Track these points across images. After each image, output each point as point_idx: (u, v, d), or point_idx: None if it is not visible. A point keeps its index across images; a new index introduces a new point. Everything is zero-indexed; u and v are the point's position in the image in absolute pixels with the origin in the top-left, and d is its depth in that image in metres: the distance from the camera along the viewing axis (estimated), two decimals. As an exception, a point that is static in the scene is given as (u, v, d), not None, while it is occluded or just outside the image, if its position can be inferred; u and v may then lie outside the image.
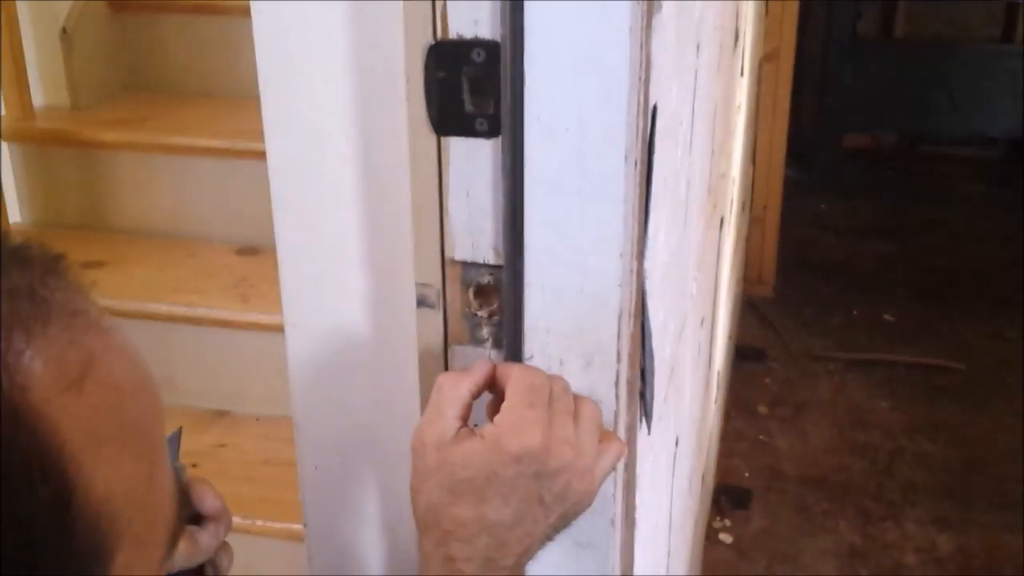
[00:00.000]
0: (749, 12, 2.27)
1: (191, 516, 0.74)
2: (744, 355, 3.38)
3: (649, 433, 0.97)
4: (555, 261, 0.71)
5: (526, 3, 0.65)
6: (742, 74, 2.29)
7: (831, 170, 4.84)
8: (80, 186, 2.19)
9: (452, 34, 0.68)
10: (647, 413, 0.92)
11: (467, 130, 0.70)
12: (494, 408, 0.71)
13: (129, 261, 2.05)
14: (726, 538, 2.61)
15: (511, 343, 0.74)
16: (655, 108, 0.80)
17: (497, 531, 0.68)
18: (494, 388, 0.72)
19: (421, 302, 0.77)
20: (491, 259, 0.73)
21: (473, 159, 0.71)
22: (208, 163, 2.09)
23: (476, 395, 0.72)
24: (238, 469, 1.80)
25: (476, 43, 0.68)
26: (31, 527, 0.43)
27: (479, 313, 0.75)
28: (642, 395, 0.88)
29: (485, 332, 0.75)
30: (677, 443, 1.41)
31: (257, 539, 1.65)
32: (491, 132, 0.69)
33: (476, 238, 0.73)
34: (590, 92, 0.67)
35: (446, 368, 0.77)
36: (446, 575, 0.69)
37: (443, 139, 0.71)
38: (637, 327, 0.80)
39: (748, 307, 3.69)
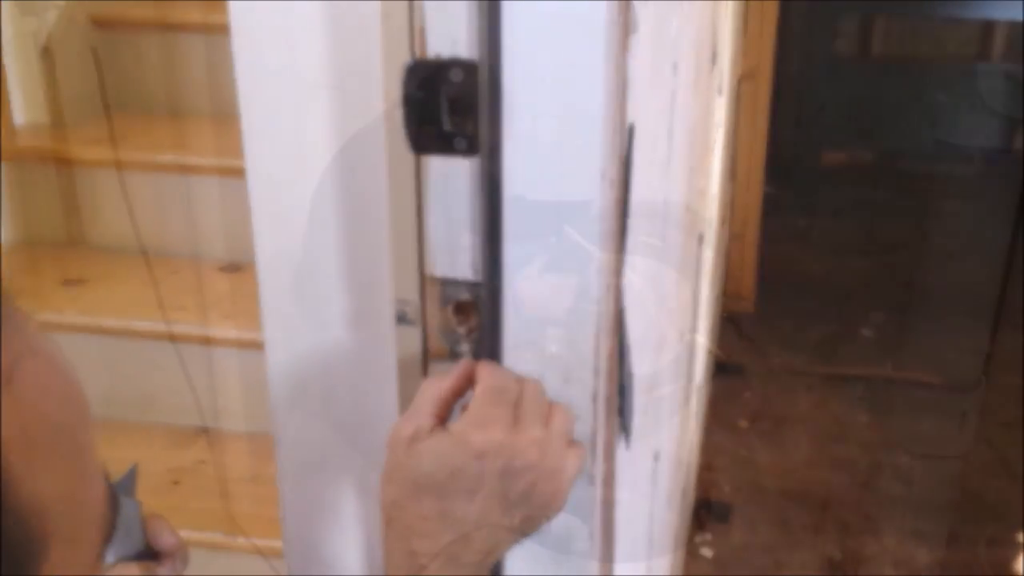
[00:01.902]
0: (727, 31, 2.29)
1: (148, 552, 0.73)
2: (724, 370, 3.39)
3: (628, 448, 0.98)
4: (533, 278, 0.72)
5: (504, 23, 0.66)
6: (721, 93, 2.30)
7: (810, 187, 4.87)
8: (61, 203, 2.19)
9: (431, 53, 0.69)
10: (626, 428, 0.93)
11: (445, 148, 0.71)
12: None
13: (111, 278, 2.05)
14: (707, 552, 2.62)
15: (490, 359, 0.74)
16: (632, 127, 0.81)
17: (461, 528, 0.68)
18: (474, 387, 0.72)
19: (400, 318, 0.77)
20: (470, 276, 0.74)
21: (451, 177, 0.72)
22: (190, 180, 2.09)
23: (456, 393, 0.72)
24: (219, 485, 1.79)
25: (454, 63, 0.69)
26: None
27: (458, 329, 0.76)
28: (621, 410, 0.89)
29: (464, 348, 0.76)
30: (657, 458, 1.41)
31: (238, 556, 1.65)
32: (469, 150, 0.70)
33: (455, 255, 0.74)
34: (567, 111, 0.68)
35: (425, 384, 0.78)
36: (408, 570, 0.69)
37: (422, 157, 0.72)
38: (615, 343, 0.80)
39: (728, 322, 3.71)
